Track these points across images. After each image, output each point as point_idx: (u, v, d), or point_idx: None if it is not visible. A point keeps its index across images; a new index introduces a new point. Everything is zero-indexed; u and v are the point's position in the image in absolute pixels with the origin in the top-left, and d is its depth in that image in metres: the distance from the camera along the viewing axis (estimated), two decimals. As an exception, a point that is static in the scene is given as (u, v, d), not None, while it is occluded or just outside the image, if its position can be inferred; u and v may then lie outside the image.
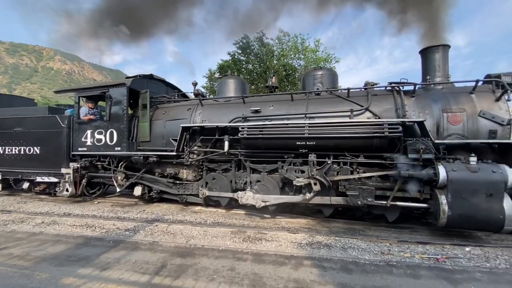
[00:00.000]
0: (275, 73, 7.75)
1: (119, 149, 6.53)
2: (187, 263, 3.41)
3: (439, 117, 4.71)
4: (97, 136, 6.77)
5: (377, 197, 4.58)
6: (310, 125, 4.84)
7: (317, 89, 5.85)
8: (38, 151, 7.32)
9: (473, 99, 4.63)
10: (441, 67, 5.20)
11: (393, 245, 4.03)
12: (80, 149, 6.95)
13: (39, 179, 7.39)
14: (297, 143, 4.92)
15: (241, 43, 18.22)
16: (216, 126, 5.70)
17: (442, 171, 3.99)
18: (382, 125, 4.47)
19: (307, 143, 4.87)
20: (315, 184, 4.81)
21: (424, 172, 4.18)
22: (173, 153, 5.96)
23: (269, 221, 5.36)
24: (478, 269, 3.27)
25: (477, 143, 4.33)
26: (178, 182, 6.42)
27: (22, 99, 10.07)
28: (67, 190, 6.96)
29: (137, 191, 6.66)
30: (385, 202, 4.42)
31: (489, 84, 4.73)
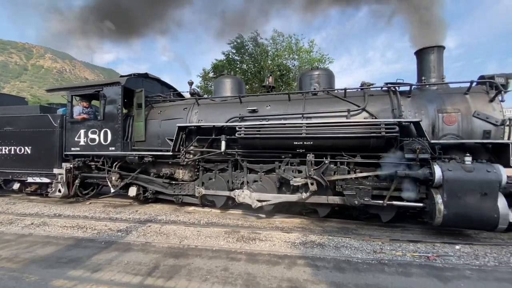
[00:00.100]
0: (272, 73, 7.73)
1: (113, 149, 6.43)
2: (180, 264, 3.38)
3: (435, 118, 4.77)
4: (91, 135, 6.64)
5: (374, 197, 4.61)
6: (307, 125, 4.84)
7: (314, 89, 5.86)
8: (29, 151, 7.16)
9: (468, 99, 4.70)
10: (436, 68, 5.26)
11: (385, 244, 4.07)
12: (73, 149, 6.82)
13: (30, 180, 7.22)
14: (295, 143, 4.92)
15: (235, 43, 18.19)
16: (213, 126, 5.66)
17: (437, 171, 4.04)
18: (379, 125, 4.50)
19: (305, 143, 4.87)
20: (312, 184, 4.82)
21: (420, 171, 4.22)
22: (169, 153, 5.89)
23: (263, 221, 5.35)
24: (467, 267, 3.32)
25: (472, 143, 4.39)
26: (174, 182, 6.35)
27: (12, 97, 9.83)
28: (60, 190, 6.81)
29: (132, 191, 6.56)
30: (382, 201, 4.45)
31: (483, 85, 4.80)
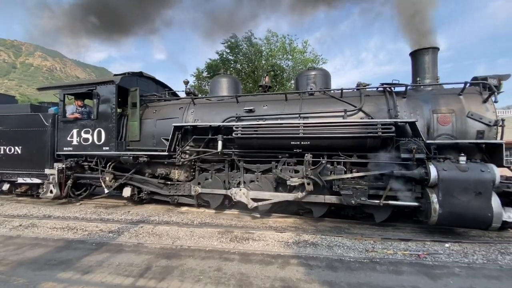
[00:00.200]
0: (268, 73, 7.71)
1: (107, 149, 6.32)
2: (173, 265, 3.34)
3: (430, 118, 4.83)
4: (84, 135, 6.52)
5: (370, 196, 4.64)
6: (304, 125, 4.85)
7: (310, 89, 5.86)
8: (19, 151, 6.98)
9: (462, 100, 4.77)
10: (431, 69, 5.32)
11: (377, 243, 4.12)
12: (65, 148, 6.68)
13: (20, 180, 7.05)
14: (292, 143, 4.92)
15: (229, 43, 18.11)
16: (209, 125, 5.61)
17: (433, 171, 4.09)
18: (375, 125, 4.53)
19: (302, 143, 4.88)
20: (309, 184, 4.82)
21: (416, 171, 4.27)
22: (165, 153, 5.82)
23: (256, 221, 5.35)
24: (457, 264, 3.38)
25: (466, 143, 4.47)
26: (169, 183, 6.28)
27: (1, 96, 9.57)
28: (51, 191, 6.66)
29: (126, 192, 6.46)
30: (378, 201, 4.48)
31: (476, 86, 4.89)
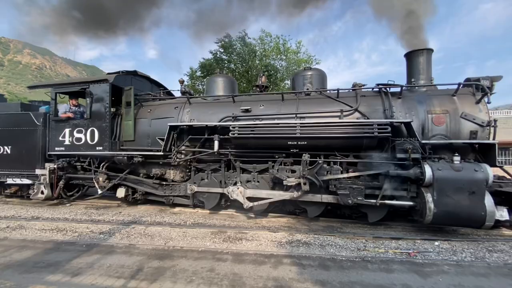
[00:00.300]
0: (264, 73, 7.71)
1: (100, 148, 6.20)
2: (165, 266, 3.32)
3: (424, 118, 4.89)
4: (77, 135, 6.38)
5: (366, 196, 4.67)
6: (301, 125, 4.86)
7: (307, 89, 5.88)
8: (9, 151, 6.80)
9: (455, 101, 4.85)
10: (425, 70, 5.39)
11: (368, 242, 4.17)
12: (57, 148, 6.53)
13: (10, 181, 6.86)
14: (289, 142, 4.93)
15: (223, 42, 18.03)
16: (205, 125, 5.57)
17: (428, 170, 4.14)
18: (371, 125, 4.57)
19: (299, 143, 4.88)
20: (305, 184, 4.83)
21: (411, 171, 4.31)
22: (160, 153, 5.75)
23: (250, 221, 5.35)
24: (446, 262, 3.44)
25: (460, 143, 4.54)
26: (164, 183, 6.21)
27: (-11, 94, 9.31)
28: (42, 192, 6.52)
29: (120, 192, 6.36)
30: (375, 201, 4.52)
31: (469, 87, 4.97)
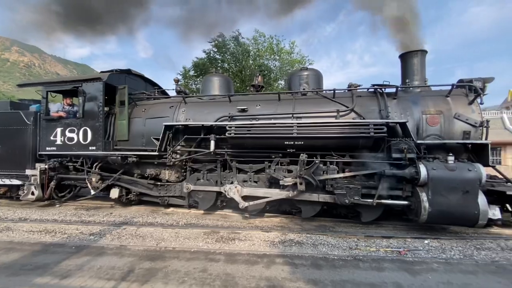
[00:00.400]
0: (261, 72, 7.70)
1: (94, 148, 6.09)
2: (157, 267, 3.29)
3: (419, 119, 4.96)
4: (69, 134, 6.25)
5: (362, 196, 4.69)
6: (298, 125, 4.86)
7: (303, 89, 5.89)
8: (-2, 151, 6.60)
9: (449, 102, 4.93)
10: (419, 71, 5.46)
11: (360, 240, 4.22)
12: (48, 148, 6.38)
13: (-1, 182, 6.66)
14: (285, 142, 4.92)
15: (216, 42, 17.97)
16: (201, 125, 5.52)
17: (423, 170, 4.20)
18: (368, 125, 4.60)
19: (295, 142, 4.88)
20: (301, 183, 4.83)
21: (406, 171, 4.37)
22: (155, 153, 5.67)
23: (243, 221, 5.35)
24: (435, 260, 3.51)
25: (454, 143, 4.62)
26: (159, 183, 6.13)
27: (-24, 92, 9.02)
28: (33, 193, 6.35)
29: (114, 193, 6.25)
30: (371, 200, 4.55)
31: (463, 88, 5.06)
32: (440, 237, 4.30)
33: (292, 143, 4.90)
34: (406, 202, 4.54)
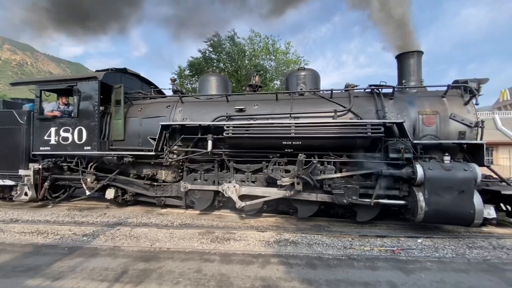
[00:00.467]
0: (258, 72, 7.68)
1: (89, 148, 6.01)
2: (151, 268, 3.26)
3: (415, 119, 5.00)
4: (63, 134, 6.15)
5: (360, 195, 4.71)
6: (296, 125, 4.86)
7: (300, 89, 5.89)
8: (-11, 151, 6.46)
9: (445, 102, 4.98)
10: (415, 72, 5.51)
11: (354, 240, 4.25)
12: (42, 148, 6.27)
13: (-9, 182, 6.53)
14: (283, 142, 4.92)
15: (212, 41, 17.91)
16: (199, 124, 5.48)
17: (419, 170, 4.23)
18: (365, 125, 4.63)
19: (293, 142, 4.88)
20: (298, 183, 4.83)
21: (403, 171, 4.40)
22: (152, 153, 5.62)
23: (238, 221, 5.34)
24: (428, 259, 3.55)
25: (449, 143, 4.67)
26: (155, 183, 6.08)
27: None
28: (26, 194, 6.24)
29: (110, 194, 6.17)
30: (369, 200, 4.57)
31: (458, 89, 5.12)
32: (433, 236, 4.36)
33: (290, 143, 4.90)
34: (403, 201, 4.57)
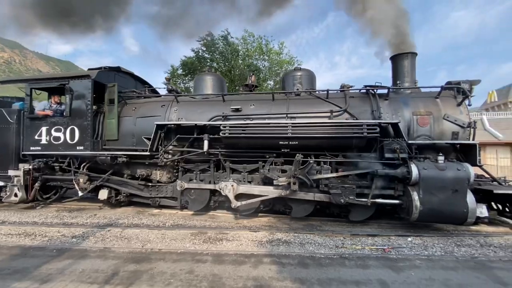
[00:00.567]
0: (254, 72, 7.67)
1: (81, 148, 5.88)
2: (142, 269, 3.22)
3: (410, 119, 5.07)
4: (55, 133, 6.01)
5: (356, 195, 4.75)
6: (293, 125, 4.86)
7: (297, 89, 5.90)
8: (-23, 151, 6.27)
9: (439, 103, 5.07)
10: (409, 73, 5.59)
11: (346, 239, 4.29)
12: (32, 148, 6.11)
13: (-22, 183, 6.33)
14: (280, 142, 4.92)
15: (205, 41, 17.81)
16: (194, 124, 5.43)
17: (414, 170, 4.28)
18: (361, 126, 4.66)
19: (290, 142, 4.88)
20: (294, 183, 4.84)
21: (399, 170, 4.45)
22: (146, 153, 5.54)
23: (231, 221, 5.33)
24: (418, 257, 3.60)
25: (443, 143, 4.75)
26: (150, 184, 6.00)
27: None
28: (16, 195, 6.08)
29: (103, 194, 6.06)
30: (366, 199, 4.60)
31: (451, 90, 5.21)
32: (422, 235, 4.42)
33: (286, 143, 4.90)
34: (398, 201, 4.62)
